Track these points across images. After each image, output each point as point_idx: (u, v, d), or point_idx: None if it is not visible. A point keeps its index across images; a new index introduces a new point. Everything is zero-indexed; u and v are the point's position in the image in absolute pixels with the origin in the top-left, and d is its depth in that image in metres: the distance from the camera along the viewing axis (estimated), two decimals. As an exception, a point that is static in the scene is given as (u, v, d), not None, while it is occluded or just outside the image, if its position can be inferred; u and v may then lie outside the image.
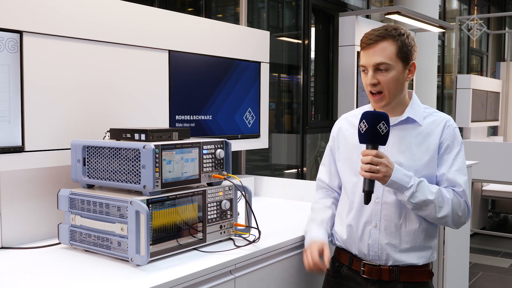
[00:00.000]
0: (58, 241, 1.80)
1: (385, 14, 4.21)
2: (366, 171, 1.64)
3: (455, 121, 6.00)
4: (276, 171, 5.38)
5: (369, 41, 1.77)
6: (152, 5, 3.71)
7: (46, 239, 1.90)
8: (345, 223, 1.87)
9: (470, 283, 4.51)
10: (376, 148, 1.66)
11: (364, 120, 1.65)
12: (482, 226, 6.53)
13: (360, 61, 1.83)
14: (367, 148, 1.67)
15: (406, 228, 1.78)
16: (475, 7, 10.74)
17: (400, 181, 1.67)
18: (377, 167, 1.63)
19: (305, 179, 4.68)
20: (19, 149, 1.76)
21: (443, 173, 1.79)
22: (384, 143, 1.67)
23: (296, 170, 5.43)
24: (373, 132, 1.64)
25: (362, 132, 1.66)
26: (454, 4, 10.29)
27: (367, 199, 1.66)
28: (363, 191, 1.66)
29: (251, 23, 5.15)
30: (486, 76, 7.84)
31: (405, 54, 1.77)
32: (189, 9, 4.62)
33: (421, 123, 1.81)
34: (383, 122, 1.63)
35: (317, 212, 1.99)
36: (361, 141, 1.68)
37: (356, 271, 1.84)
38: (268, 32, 2.86)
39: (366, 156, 1.65)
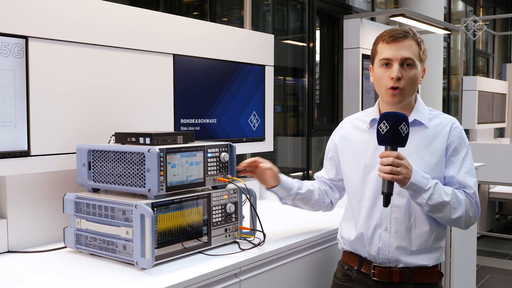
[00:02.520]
0: (64, 245, 1.80)
1: (390, 16, 4.21)
2: (387, 173, 1.61)
3: (461, 123, 6.01)
4: (282, 174, 5.37)
5: (397, 35, 1.76)
6: (157, 9, 3.74)
7: (52, 243, 1.91)
8: (354, 228, 1.86)
9: (478, 285, 4.49)
10: (396, 150, 1.64)
11: (384, 121, 1.62)
12: (489, 229, 6.50)
13: (382, 54, 1.79)
14: (386, 149, 1.65)
15: (416, 230, 1.78)
16: (481, 9, 10.71)
17: (419, 183, 1.65)
18: (398, 168, 1.61)
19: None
20: (25, 154, 1.77)
21: (453, 175, 1.78)
22: (403, 145, 1.65)
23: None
24: (395, 133, 1.61)
25: (383, 133, 1.63)
26: (460, 6, 10.27)
27: (387, 201, 1.63)
28: (382, 193, 1.63)
29: (256, 27, 5.16)
30: (492, 77, 7.81)
31: (423, 57, 1.81)
32: (194, 13, 4.63)
33: (427, 125, 1.81)
34: (404, 123, 1.62)
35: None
36: (380, 143, 1.66)
37: (366, 274, 1.83)
38: (273, 36, 2.87)
39: (387, 158, 1.62)
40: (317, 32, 5.60)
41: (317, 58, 5.59)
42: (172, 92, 2.29)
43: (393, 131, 1.61)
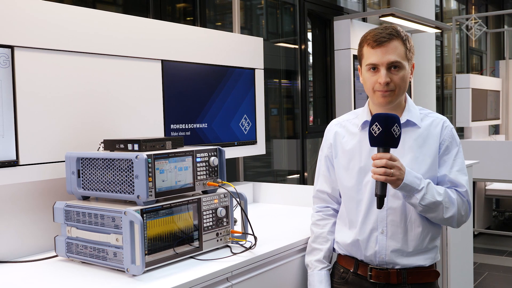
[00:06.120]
0: (55, 254, 1.80)
1: (380, 17, 4.22)
2: (380, 175, 1.61)
3: (455, 121, 6.03)
4: (279, 177, 5.37)
5: (381, 39, 1.74)
6: (147, 15, 3.74)
7: (43, 252, 1.91)
8: (351, 232, 1.84)
9: (476, 283, 4.48)
10: (388, 151, 1.63)
11: (376, 123, 1.61)
12: (487, 226, 6.50)
13: (368, 59, 1.77)
14: (378, 151, 1.64)
15: (412, 232, 1.77)
16: (473, 7, 10.74)
17: (412, 184, 1.65)
18: (391, 170, 1.61)
19: (306, 184, 4.67)
20: (14, 163, 1.77)
21: (445, 174, 1.78)
22: (396, 146, 1.64)
23: (298, 175, 5.42)
24: (387, 135, 1.61)
25: (375, 135, 1.62)
26: (453, 4, 10.29)
27: (380, 203, 1.63)
28: (376, 195, 1.63)
29: (250, 30, 5.17)
30: (486, 75, 7.82)
31: (410, 55, 1.79)
32: (188, 18, 4.63)
33: (419, 125, 1.80)
34: (396, 124, 1.61)
35: (319, 240, 1.93)
36: (373, 144, 1.65)
37: (363, 276, 1.82)
38: (262, 39, 2.87)
39: (380, 160, 1.61)
40: (309, 34, 5.61)
41: (311, 60, 5.60)
42: (161, 97, 2.28)
43: (385, 133, 1.61)
